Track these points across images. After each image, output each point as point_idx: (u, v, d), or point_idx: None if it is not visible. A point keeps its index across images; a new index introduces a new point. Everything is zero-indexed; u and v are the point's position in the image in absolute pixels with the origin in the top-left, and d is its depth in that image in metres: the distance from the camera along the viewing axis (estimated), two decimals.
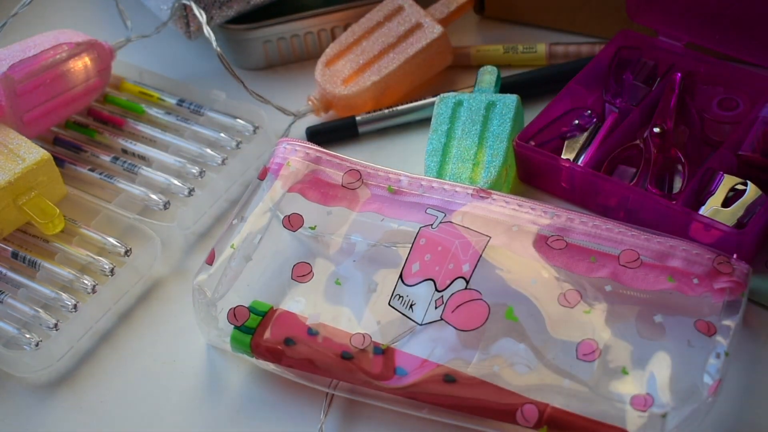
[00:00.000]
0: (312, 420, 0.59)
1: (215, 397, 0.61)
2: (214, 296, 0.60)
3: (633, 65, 0.73)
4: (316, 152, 0.65)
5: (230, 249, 0.62)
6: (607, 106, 0.72)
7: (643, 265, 0.59)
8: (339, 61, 0.78)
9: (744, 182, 0.64)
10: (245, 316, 0.60)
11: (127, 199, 0.71)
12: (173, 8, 0.77)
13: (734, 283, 0.58)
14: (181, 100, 0.78)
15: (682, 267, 0.58)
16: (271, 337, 0.59)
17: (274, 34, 0.82)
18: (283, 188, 0.64)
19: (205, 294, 0.61)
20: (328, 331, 0.59)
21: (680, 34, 0.74)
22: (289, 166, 0.65)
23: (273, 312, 0.60)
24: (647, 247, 0.59)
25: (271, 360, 0.59)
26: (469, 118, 0.70)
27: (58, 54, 0.72)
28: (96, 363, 0.64)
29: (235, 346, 0.60)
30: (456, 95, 0.72)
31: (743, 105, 0.70)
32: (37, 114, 0.73)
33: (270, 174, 0.65)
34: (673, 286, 0.58)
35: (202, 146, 0.74)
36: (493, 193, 0.62)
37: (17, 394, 0.63)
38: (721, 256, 0.58)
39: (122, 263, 0.67)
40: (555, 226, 0.61)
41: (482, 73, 0.75)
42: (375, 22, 0.79)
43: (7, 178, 0.66)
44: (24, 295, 0.65)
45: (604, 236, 0.60)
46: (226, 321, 0.60)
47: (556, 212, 0.61)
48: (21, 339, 0.63)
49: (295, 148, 0.66)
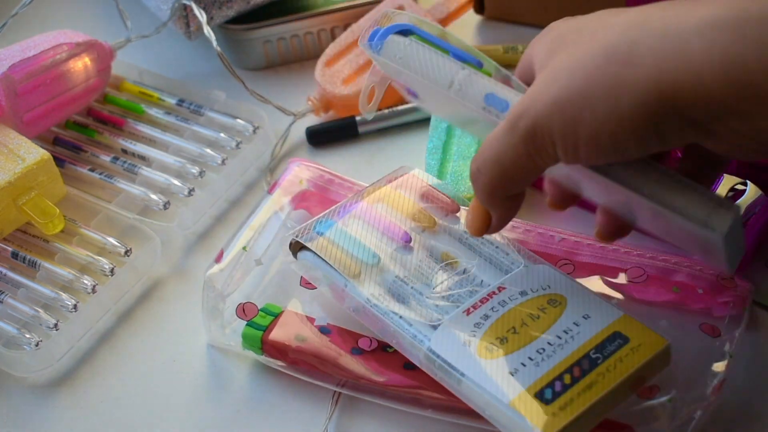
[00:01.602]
0: (315, 419, 0.59)
1: (215, 397, 0.61)
2: (224, 291, 0.61)
3: None
4: (329, 175, 0.67)
5: (242, 250, 0.63)
6: None
7: (649, 278, 0.60)
8: (339, 61, 0.78)
9: (744, 182, 0.64)
10: (254, 312, 0.61)
11: (127, 199, 0.71)
12: (173, 8, 0.77)
13: (737, 298, 0.59)
14: (180, 100, 0.78)
15: (686, 281, 0.60)
16: (282, 334, 0.60)
17: (274, 34, 0.82)
18: (291, 204, 0.66)
19: (215, 287, 0.61)
20: (339, 331, 0.60)
21: None
22: (302, 185, 0.67)
23: (285, 313, 0.61)
24: (652, 266, 0.61)
25: (279, 357, 0.60)
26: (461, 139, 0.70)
27: (58, 54, 0.72)
28: (96, 363, 0.64)
29: (246, 341, 0.60)
30: None
31: None
32: (37, 114, 0.73)
33: (279, 189, 0.66)
34: (678, 296, 0.60)
35: (202, 146, 0.74)
36: None
37: (17, 394, 0.63)
38: (724, 273, 0.60)
39: (122, 263, 0.67)
40: (563, 250, 0.62)
41: None
42: None
43: (7, 178, 0.66)
44: (24, 295, 0.65)
45: (610, 257, 0.61)
46: (233, 316, 0.61)
47: (563, 236, 0.62)
48: (21, 339, 0.63)
49: (308, 168, 0.67)
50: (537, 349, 0.53)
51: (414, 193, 0.63)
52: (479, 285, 0.58)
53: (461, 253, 0.60)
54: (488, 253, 0.59)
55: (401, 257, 0.59)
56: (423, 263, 0.59)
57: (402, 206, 0.62)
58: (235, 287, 0.62)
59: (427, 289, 0.58)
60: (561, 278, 0.57)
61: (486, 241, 0.60)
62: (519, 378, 0.52)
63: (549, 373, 0.52)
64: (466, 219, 0.56)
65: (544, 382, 0.52)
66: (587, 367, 0.52)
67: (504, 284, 0.57)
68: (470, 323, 0.55)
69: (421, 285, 0.58)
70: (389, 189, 0.63)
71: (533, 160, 0.49)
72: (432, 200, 0.62)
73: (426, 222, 0.61)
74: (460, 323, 0.55)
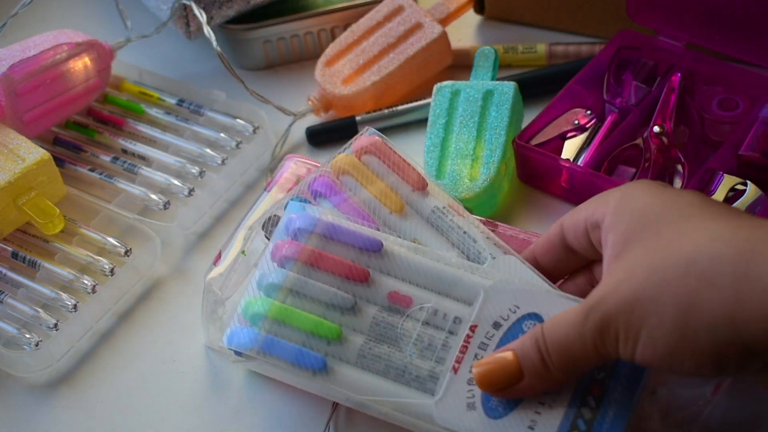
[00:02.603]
0: (315, 420, 0.59)
1: (215, 397, 0.61)
2: (223, 295, 0.61)
3: (633, 65, 0.73)
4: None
5: (241, 254, 0.62)
6: (607, 106, 0.72)
7: None
8: (339, 61, 0.78)
9: (744, 182, 0.64)
10: None
11: (127, 199, 0.71)
12: (173, 8, 0.77)
13: None
14: (180, 100, 0.78)
15: None
16: None
17: (274, 34, 0.82)
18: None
19: (215, 292, 0.61)
20: None
21: (680, 34, 0.74)
22: (298, 181, 0.65)
23: None
24: None
25: None
26: (466, 110, 0.70)
27: (58, 54, 0.72)
28: (96, 363, 0.64)
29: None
30: (453, 84, 0.72)
31: (743, 105, 0.70)
32: (37, 114, 0.73)
33: (275, 187, 0.66)
34: None
35: (202, 146, 0.74)
36: (499, 225, 0.62)
37: (17, 393, 0.63)
38: None
39: (122, 263, 0.67)
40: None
41: (479, 56, 0.75)
42: (375, 22, 0.79)
43: (7, 178, 0.66)
44: (24, 295, 0.65)
45: None
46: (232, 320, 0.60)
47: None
48: (21, 339, 0.63)
49: (305, 165, 0.66)
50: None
51: (380, 165, 0.60)
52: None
53: (431, 239, 0.58)
54: (456, 239, 0.57)
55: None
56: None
57: (368, 183, 0.59)
58: (233, 291, 0.61)
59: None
60: (528, 275, 0.55)
61: (455, 225, 0.58)
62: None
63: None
64: (484, 367, 0.51)
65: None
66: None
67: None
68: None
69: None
70: (354, 159, 0.60)
71: (598, 350, 0.48)
72: (399, 172, 0.60)
73: (394, 206, 0.59)
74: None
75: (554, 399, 0.51)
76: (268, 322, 0.55)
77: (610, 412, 0.50)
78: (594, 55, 0.75)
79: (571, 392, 0.51)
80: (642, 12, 0.75)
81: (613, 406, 0.51)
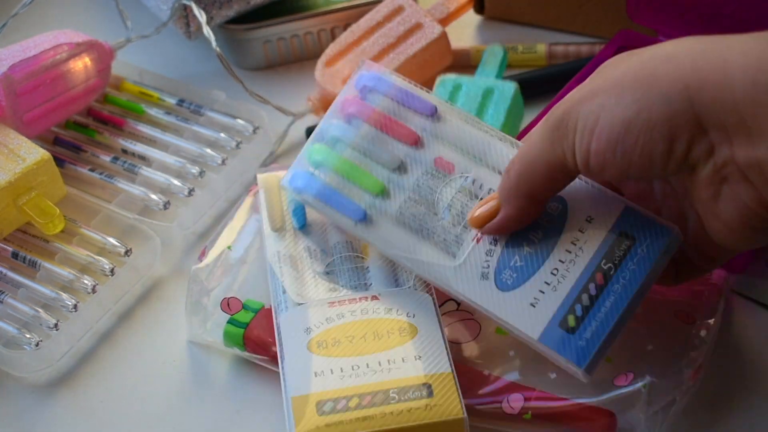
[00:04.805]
0: None
1: (215, 397, 0.61)
2: (209, 285, 0.61)
3: None
4: None
5: (227, 249, 0.63)
6: None
7: None
8: (339, 61, 0.78)
9: None
10: (238, 308, 0.61)
11: (127, 199, 0.71)
12: (173, 8, 0.77)
13: (713, 286, 0.59)
14: (180, 101, 0.78)
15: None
16: (262, 331, 0.60)
17: (274, 34, 0.82)
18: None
19: (201, 282, 0.61)
20: None
21: (680, 34, 0.74)
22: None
23: (265, 310, 0.61)
24: None
25: (261, 353, 0.60)
26: (465, 105, 0.70)
27: (58, 54, 0.72)
28: (96, 363, 0.64)
29: (228, 339, 0.60)
30: (456, 78, 0.72)
31: None
32: (37, 114, 0.73)
33: None
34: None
35: (202, 146, 0.74)
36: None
37: (17, 394, 0.63)
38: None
39: (122, 263, 0.67)
40: None
41: (488, 53, 0.75)
42: (375, 22, 0.79)
43: (7, 178, 0.66)
44: (24, 295, 0.65)
45: None
46: (217, 310, 0.61)
47: None
48: (21, 339, 0.63)
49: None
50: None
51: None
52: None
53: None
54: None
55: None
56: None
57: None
58: (218, 282, 0.62)
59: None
60: None
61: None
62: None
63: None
64: (478, 207, 0.55)
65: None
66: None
67: None
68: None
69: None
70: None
71: (554, 150, 0.49)
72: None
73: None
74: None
75: (559, 281, 0.53)
76: (330, 174, 0.59)
77: (607, 302, 0.52)
78: (594, 55, 0.75)
79: (576, 277, 0.53)
80: (642, 12, 0.75)
81: (611, 297, 0.52)
